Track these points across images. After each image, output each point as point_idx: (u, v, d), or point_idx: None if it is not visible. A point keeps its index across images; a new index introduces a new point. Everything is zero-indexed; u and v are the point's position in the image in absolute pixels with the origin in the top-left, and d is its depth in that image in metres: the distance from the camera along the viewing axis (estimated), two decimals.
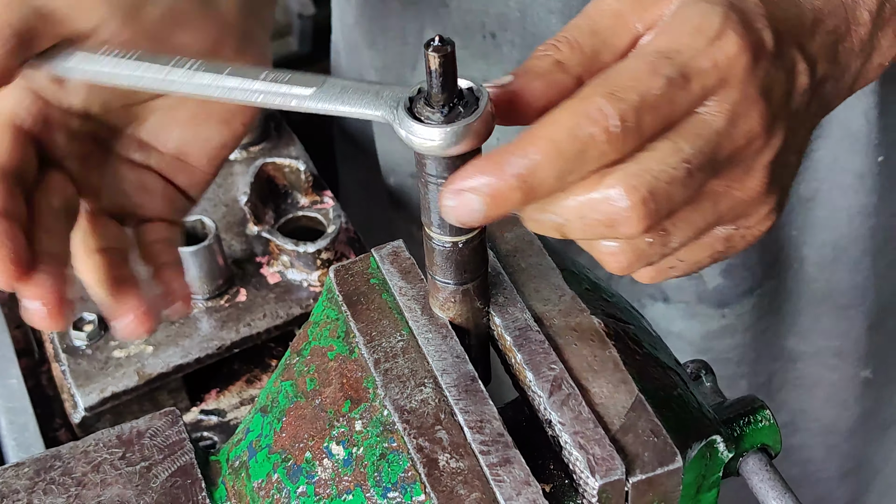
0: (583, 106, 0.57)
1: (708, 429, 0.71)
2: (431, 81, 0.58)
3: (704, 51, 0.59)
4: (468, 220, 0.58)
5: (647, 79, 0.58)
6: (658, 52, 0.59)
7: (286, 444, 0.69)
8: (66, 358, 1.06)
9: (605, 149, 0.57)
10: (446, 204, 0.58)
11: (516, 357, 0.68)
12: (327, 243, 1.11)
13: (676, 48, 0.59)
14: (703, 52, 0.59)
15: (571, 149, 0.57)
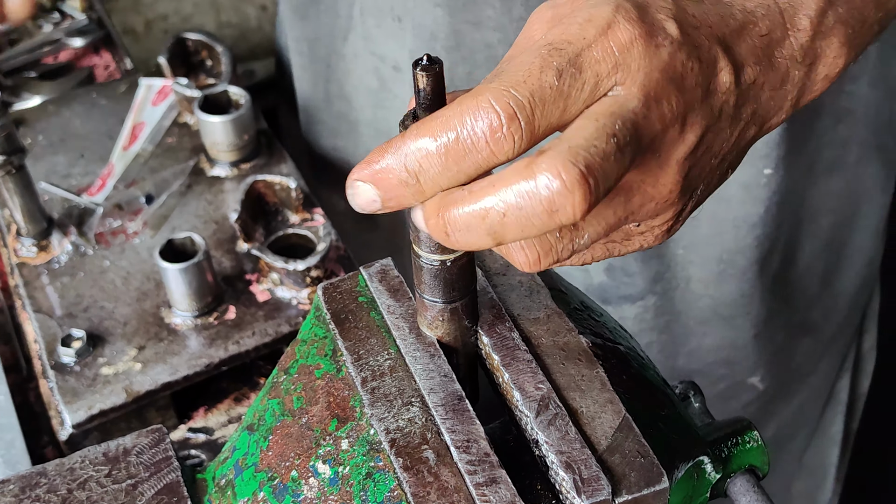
0: (473, 102, 0.56)
1: (695, 449, 0.71)
2: (419, 100, 0.58)
3: (596, 40, 0.59)
4: (368, 208, 0.60)
5: (538, 72, 0.57)
6: (549, 45, 0.59)
7: (272, 463, 0.69)
8: (53, 374, 1.06)
9: (497, 145, 0.56)
10: (347, 193, 0.60)
11: (504, 376, 0.68)
12: (317, 261, 1.11)
13: (567, 39, 0.59)
14: (595, 41, 0.59)
15: (459, 149, 0.56)
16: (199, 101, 1.25)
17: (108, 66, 1.52)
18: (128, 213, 1.23)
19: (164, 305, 1.12)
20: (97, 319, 1.11)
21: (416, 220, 0.61)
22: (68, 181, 1.28)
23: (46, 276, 1.16)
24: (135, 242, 1.20)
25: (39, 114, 1.39)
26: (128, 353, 1.08)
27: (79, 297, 1.14)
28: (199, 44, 1.43)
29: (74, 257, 1.18)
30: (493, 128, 0.56)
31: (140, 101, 1.38)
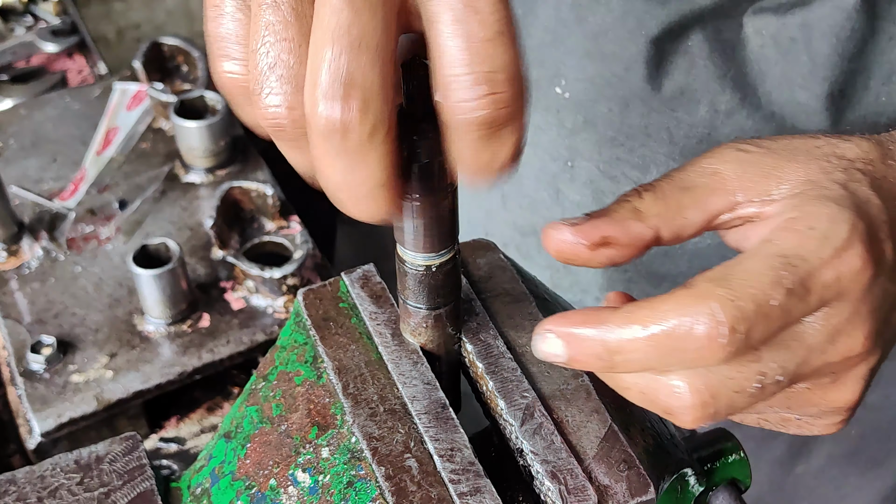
0: (695, 304, 0.55)
1: (680, 462, 0.70)
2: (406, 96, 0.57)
3: (829, 262, 0.56)
4: (549, 359, 0.59)
5: (769, 288, 0.55)
6: (782, 258, 0.56)
7: (250, 471, 0.68)
8: (22, 382, 1.04)
9: (704, 355, 0.55)
10: (535, 336, 0.60)
11: (488, 384, 0.67)
12: (294, 269, 1.10)
13: (801, 255, 0.56)
14: (828, 263, 0.56)
15: (668, 344, 0.55)
16: (175, 106, 1.24)
17: (82, 70, 1.50)
18: (100, 219, 1.21)
19: (137, 312, 1.10)
20: (68, 326, 1.09)
21: None
22: (40, 186, 1.26)
23: (16, 281, 1.14)
24: (107, 248, 1.18)
25: (11, 117, 1.37)
26: (99, 360, 1.06)
27: (49, 303, 1.12)
28: (174, 48, 1.42)
29: (45, 263, 1.16)
30: (710, 335, 0.54)
31: (114, 106, 1.36)
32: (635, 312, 0.56)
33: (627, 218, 0.61)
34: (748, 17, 0.91)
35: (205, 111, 1.25)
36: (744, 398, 0.57)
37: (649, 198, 0.61)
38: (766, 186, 0.61)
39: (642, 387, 0.59)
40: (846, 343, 0.59)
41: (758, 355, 0.57)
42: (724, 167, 0.62)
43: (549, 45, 1.00)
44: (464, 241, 0.72)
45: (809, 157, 0.63)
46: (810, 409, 0.63)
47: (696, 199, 0.62)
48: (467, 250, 0.75)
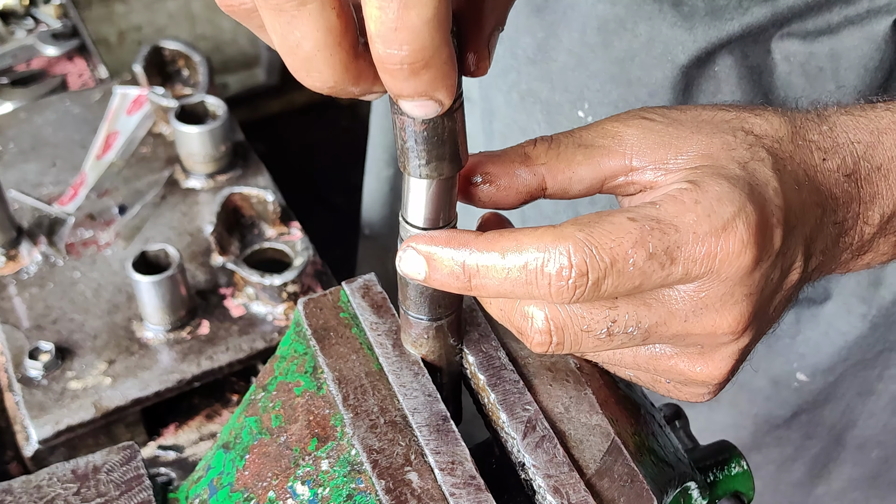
0: (553, 243, 0.56)
1: (683, 475, 0.69)
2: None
3: (704, 238, 0.56)
4: (411, 276, 0.60)
5: (630, 246, 0.55)
6: (655, 221, 0.56)
7: (249, 483, 0.67)
8: (20, 388, 1.03)
9: (552, 293, 0.56)
10: (399, 253, 0.60)
11: (489, 397, 0.66)
12: (294, 276, 1.09)
13: (676, 224, 0.56)
14: (702, 239, 0.56)
15: (520, 277, 0.56)
16: (176, 110, 1.23)
17: (82, 73, 1.49)
18: (100, 224, 1.20)
19: (136, 319, 1.09)
20: (66, 332, 1.08)
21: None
22: (39, 190, 1.25)
23: (14, 286, 1.13)
24: (106, 254, 1.17)
25: (10, 121, 1.36)
26: (97, 367, 1.05)
27: (48, 309, 1.11)
28: (175, 53, 1.41)
29: (44, 268, 1.15)
30: (560, 275, 0.55)
31: (114, 110, 1.35)
32: (497, 241, 0.57)
33: (514, 160, 0.61)
34: (776, 43, 0.91)
35: (205, 116, 1.25)
36: (591, 339, 0.59)
37: (542, 146, 0.62)
38: (663, 155, 0.61)
39: (501, 304, 0.61)
40: (713, 319, 0.59)
41: (613, 303, 0.58)
42: (626, 131, 0.62)
43: (572, 69, 0.99)
44: None
45: (715, 130, 0.62)
46: (676, 376, 0.64)
47: (590, 157, 0.62)
48: None
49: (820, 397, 1.12)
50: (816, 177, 0.63)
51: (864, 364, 1.08)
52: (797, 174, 0.62)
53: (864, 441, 1.18)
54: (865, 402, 1.13)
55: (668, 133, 0.62)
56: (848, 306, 1.03)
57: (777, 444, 1.18)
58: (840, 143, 0.64)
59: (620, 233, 0.55)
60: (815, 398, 1.12)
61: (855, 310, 1.03)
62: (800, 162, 0.63)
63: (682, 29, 0.91)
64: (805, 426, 1.16)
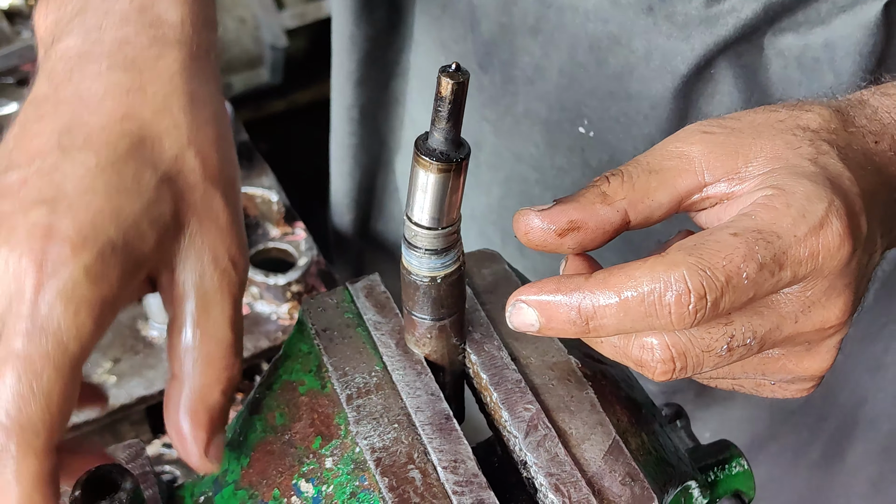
0: (667, 271, 0.56)
1: (684, 474, 0.70)
2: (437, 107, 0.57)
3: (805, 240, 0.57)
4: (523, 329, 0.60)
5: (741, 261, 0.56)
6: (757, 233, 0.57)
7: (253, 481, 0.67)
8: None
9: (673, 321, 0.56)
10: (508, 307, 0.60)
11: (492, 396, 0.67)
12: (298, 276, 1.10)
13: (776, 231, 0.57)
14: (803, 240, 0.57)
15: (639, 311, 0.56)
16: None
17: None
18: None
19: (141, 318, 1.10)
20: None
21: None
22: None
23: None
24: None
25: None
26: (102, 365, 1.06)
27: None
28: None
29: None
30: (680, 302, 0.55)
31: None
32: (609, 279, 0.57)
33: (595, 202, 0.61)
34: (769, 39, 0.91)
35: None
36: (712, 358, 0.59)
37: (616, 182, 0.62)
38: (733, 165, 0.62)
39: (616, 340, 0.60)
40: (821, 315, 0.59)
41: (728, 318, 0.58)
42: (691, 149, 0.63)
43: (566, 89, 1.00)
44: (469, 252, 0.72)
45: (774, 132, 0.63)
46: (784, 375, 0.64)
47: (664, 181, 0.62)
48: (472, 260, 0.75)
49: (832, 378, 1.13)
50: (874, 159, 0.64)
51: (870, 339, 1.10)
52: (859, 160, 0.63)
53: (875, 416, 1.20)
54: (874, 378, 1.15)
55: (732, 143, 0.63)
56: None
57: (793, 431, 1.20)
58: (886, 124, 0.66)
59: (728, 250, 0.56)
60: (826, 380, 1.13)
61: None
62: (857, 148, 0.64)
63: (678, 40, 0.91)
64: (818, 409, 1.18)
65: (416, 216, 0.60)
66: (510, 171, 1.10)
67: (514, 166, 1.09)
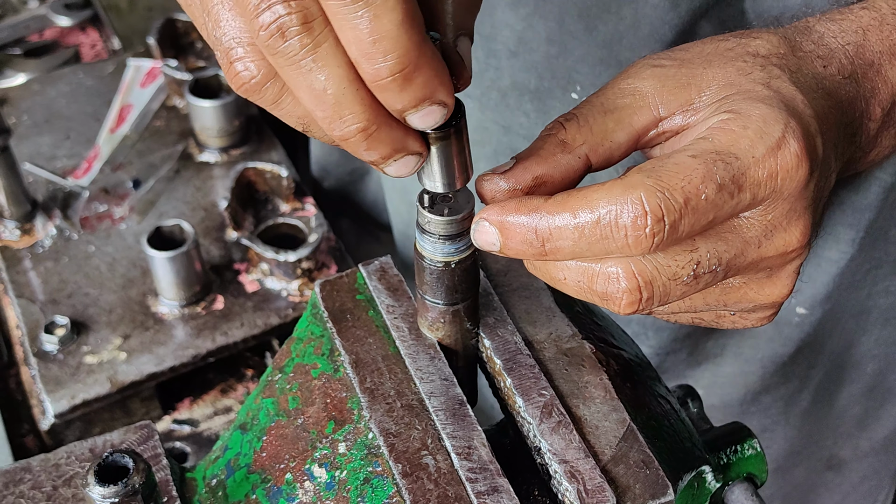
0: (623, 194, 0.55)
1: (697, 459, 0.69)
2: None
3: (763, 160, 0.57)
4: (486, 248, 0.59)
5: (700, 182, 0.55)
6: (715, 154, 0.57)
7: (266, 464, 0.67)
8: (36, 362, 1.04)
9: (630, 244, 0.56)
10: (472, 226, 0.60)
11: (506, 381, 0.66)
12: (308, 252, 1.09)
13: (734, 153, 0.57)
14: (761, 161, 0.57)
15: (595, 233, 0.56)
16: (190, 84, 1.23)
17: (95, 44, 1.49)
18: (114, 198, 1.21)
19: (151, 294, 1.10)
20: (81, 306, 1.09)
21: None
22: (53, 163, 1.25)
23: (29, 260, 1.14)
24: (121, 228, 1.17)
25: (23, 92, 1.36)
26: (112, 341, 1.06)
27: (63, 283, 1.11)
28: (189, 25, 1.40)
29: (59, 242, 1.16)
30: (636, 224, 0.55)
31: (128, 83, 1.35)
32: (567, 201, 0.57)
33: (555, 152, 0.61)
34: (749, 4, 0.90)
35: (220, 90, 1.24)
36: (679, 286, 0.58)
37: (573, 127, 0.61)
38: (687, 97, 0.62)
39: (578, 275, 0.59)
40: (783, 238, 0.59)
41: (693, 244, 0.58)
42: (643, 84, 0.62)
43: (555, 57, 0.99)
44: None
45: (724, 61, 0.63)
46: (745, 304, 0.64)
47: (620, 121, 0.62)
48: None
49: (820, 327, 1.15)
50: (824, 83, 0.65)
51: (855, 286, 1.11)
52: (809, 84, 0.63)
53: (860, 358, 1.22)
54: (858, 322, 1.16)
55: (683, 74, 0.63)
56: (836, 235, 1.06)
57: (784, 382, 1.21)
58: (833, 49, 0.66)
59: (687, 171, 0.56)
60: (815, 329, 1.14)
61: (843, 236, 1.05)
62: (807, 72, 0.64)
63: (666, 8, 0.90)
64: (808, 357, 1.19)
65: (429, 185, 0.60)
66: (497, 145, 1.10)
67: (503, 139, 1.09)
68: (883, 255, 1.08)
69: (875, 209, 1.03)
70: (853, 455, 1.35)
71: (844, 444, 1.33)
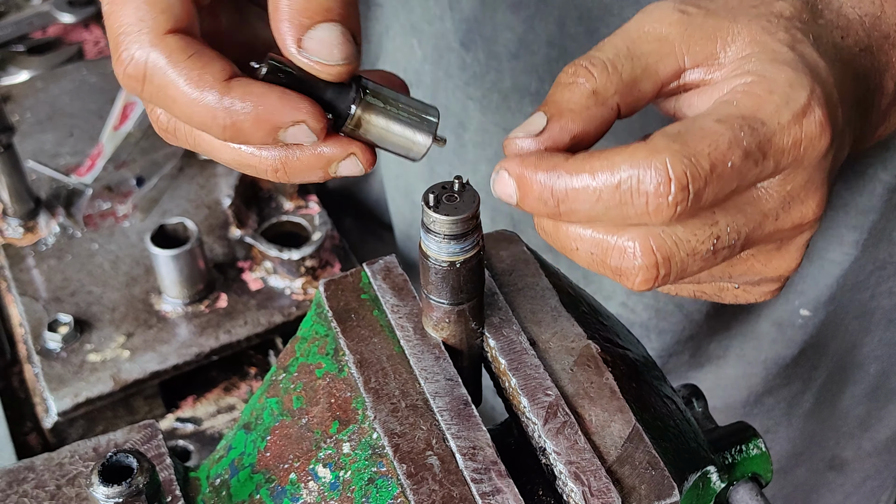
0: (648, 158, 0.53)
1: (703, 460, 0.69)
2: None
3: (788, 127, 0.55)
4: (504, 199, 0.57)
5: (726, 147, 0.53)
6: (742, 119, 0.55)
7: (270, 464, 0.67)
8: (39, 360, 1.04)
9: (650, 212, 0.53)
10: (493, 174, 0.57)
11: (510, 381, 0.66)
12: (312, 250, 1.09)
13: (761, 118, 0.55)
14: (787, 128, 0.55)
15: (614, 198, 0.54)
16: None
17: (98, 42, 1.49)
18: (117, 196, 1.20)
19: (154, 292, 1.09)
20: (84, 304, 1.09)
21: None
22: (56, 160, 1.25)
23: (33, 257, 1.14)
24: (124, 226, 1.17)
25: (27, 90, 1.36)
26: (116, 339, 1.05)
27: (66, 281, 1.11)
28: None
29: (62, 239, 1.16)
30: (658, 191, 0.52)
31: None
32: (588, 161, 0.54)
33: (589, 106, 0.58)
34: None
35: None
36: (696, 262, 0.56)
37: (602, 75, 0.58)
38: (712, 50, 0.59)
39: (591, 247, 0.57)
40: (799, 210, 0.58)
41: (713, 218, 0.56)
42: (669, 31, 0.60)
43: (556, 59, 0.98)
44: (487, 233, 0.71)
45: (749, 17, 0.60)
46: (751, 277, 0.62)
47: (647, 69, 0.59)
48: (490, 242, 0.74)
49: (823, 328, 1.14)
50: (842, 54, 0.62)
51: (858, 287, 1.10)
52: (829, 52, 0.61)
53: (864, 359, 1.21)
54: (861, 323, 1.15)
55: (710, 25, 0.60)
56: (839, 237, 1.05)
57: (787, 383, 1.20)
58: (851, 20, 0.64)
59: (714, 136, 0.54)
60: (818, 331, 1.14)
61: (846, 238, 1.04)
62: (827, 42, 0.62)
63: None
64: (811, 359, 1.18)
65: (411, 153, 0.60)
66: (499, 147, 1.09)
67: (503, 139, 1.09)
68: (886, 256, 1.07)
69: (878, 211, 1.03)
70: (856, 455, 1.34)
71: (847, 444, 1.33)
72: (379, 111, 0.58)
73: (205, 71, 0.56)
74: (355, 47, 0.56)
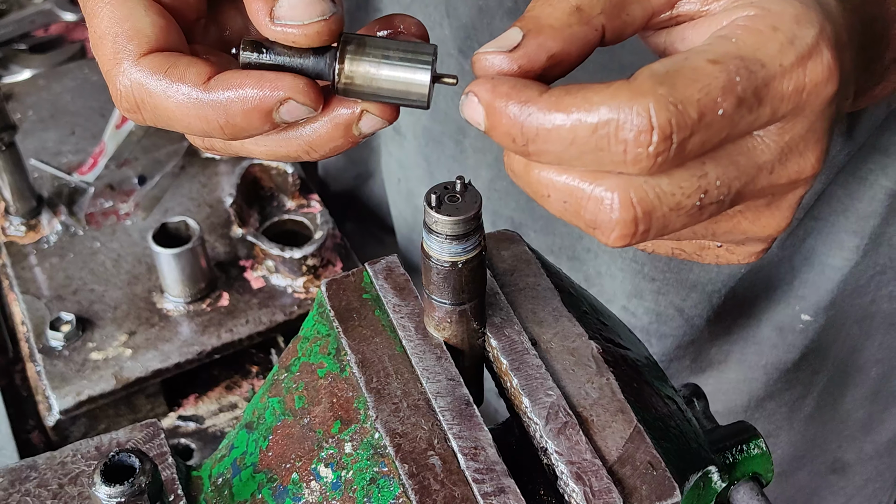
0: (630, 101, 0.47)
1: (704, 460, 0.69)
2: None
3: (791, 71, 0.49)
4: (472, 122, 0.52)
5: (719, 94, 0.48)
6: (739, 60, 0.49)
7: (272, 464, 0.67)
8: (41, 358, 1.04)
9: (627, 161, 0.48)
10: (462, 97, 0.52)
11: (512, 381, 0.66)
12: (314, 249, 1.09)
13: (761, 59, 0.49)
14: (789, 72, 0.49)
15: (588, 142, 0.48)
16: None
17: None
18: (119, 194, 1.21)
19: (156, 290, 1.10)
20: (87, 302, 1.09)
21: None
22: (59, 159, 1.25)
23: (35, 256, 1.14)
24: (126, 224, 1.17)
25: (29, 88, 1.36)
26: (118, 338, 1.06)
27: (68, 279, 1.11)
28: None
29: (64, 237, 1.16)
30: (638, 140, 0.47)
31: None
32: (563, 99, 0.49)
33: (571, 24, 0.52)
34: None
35: None
36: (680, 218, 0.51)
37: None
38: None
39: (564, 194, 0.51)
40: (797, 164, 0.52)
41: (702, 169, 0.50)
42: None
43: None
44: (488, 233, 0.72)
45: None
46: (736, 236, 0.57)
47: None
48: (492, 241, 0.74)
49: (824, 333, 1.13)
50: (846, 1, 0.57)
51: (858, 292, 1.10)
52: None
53: (864, 362, 1.19)
54: (862, 327, 1.15)
55: None
56: (840, 242, 1.04)
57: (788, 388, 1.19)
58: None
59: (706, 79, 0.48)
60: (819, 335, 1.13)
61: (847, 244, 1.04)
62: None
63: None
64: (812, 363, 1.17)
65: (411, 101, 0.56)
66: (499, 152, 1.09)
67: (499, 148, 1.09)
68: (887, 260, 1.07)
69: (879, 216, 1.03)
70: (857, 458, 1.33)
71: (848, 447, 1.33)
72: (363, 62, 0.55)
73: (182, 80, 0.56)
74: (329, 2, 0.53)
